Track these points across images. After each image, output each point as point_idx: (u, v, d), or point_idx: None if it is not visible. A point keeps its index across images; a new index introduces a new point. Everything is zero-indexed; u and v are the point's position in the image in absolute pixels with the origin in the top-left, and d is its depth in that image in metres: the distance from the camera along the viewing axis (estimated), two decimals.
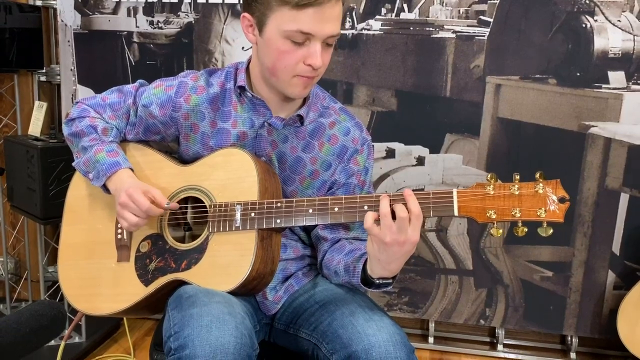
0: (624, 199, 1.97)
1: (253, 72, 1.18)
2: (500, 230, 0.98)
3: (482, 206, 0.97)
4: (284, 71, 1.08)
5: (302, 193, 1.22)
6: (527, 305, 2.10)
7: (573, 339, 2.13)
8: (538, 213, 0.95)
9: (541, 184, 0.96)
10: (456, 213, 0.98)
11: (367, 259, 1.05)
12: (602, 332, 2.07)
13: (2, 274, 2.38)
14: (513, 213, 0.96)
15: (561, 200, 0.95)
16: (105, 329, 2.19)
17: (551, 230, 0.96)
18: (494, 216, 0.97)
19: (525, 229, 0.97)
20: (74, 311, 1.23)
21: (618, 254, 2.01)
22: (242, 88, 1.18)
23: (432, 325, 2.22)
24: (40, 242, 2.18)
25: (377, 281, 1.05)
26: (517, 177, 0.97)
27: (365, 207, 1.03)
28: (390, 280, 1.05)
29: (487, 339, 2.26)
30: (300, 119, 1.19)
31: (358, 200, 1.05)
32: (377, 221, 0.98)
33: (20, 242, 2.42)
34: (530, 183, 0.97)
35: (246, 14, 1.10)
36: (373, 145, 1.29)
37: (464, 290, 2.14)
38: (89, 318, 2.07)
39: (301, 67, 1.07)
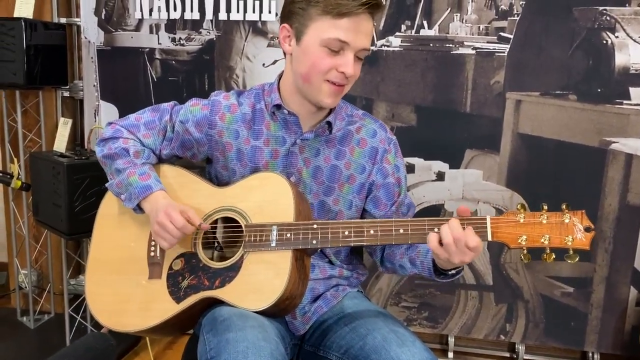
0: None
1: (284, 88, 1.23)
2: (530, 256, 1.04)
3: (514, 232, 1.03)
4: (317, 76, 1.14)
5: (343, 199, 1.26)
6: (547, 320, 2.10)
7: (594, 356, 2.12)
8: (566, 241, 1.02)
9: (568, 215, 1.03)
10: (490, 238, 1.03)
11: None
12: (624, 349, 2.06)
13: (25, 287, 2.41)
14: (542, 240, 1.02)
15: (587, 229, 1.02)
16: (126, 342, 2.21)
17: (577, 258, 1.02)
18: (524, 242, 1.03)
19: (554, 256, 1.02)
20: (97, 325, 1.24)
21: None
22: (277, 106, 1.22)
23: (451, 340, 2.22)
24: (63, 256, 2.20)
25: (451, 272, 1.14)
26: (545, 207, 1.04)
27: (401, 230, 1.08)
28: (462, 267, 1.13)
29: (507, 355, 2.26)
30: (329, 125, 1.24)
31: (393, 224, 1.09)
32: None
33: (42, 255, 2.46)
34: (557, 213, 1.03)
35: (285, 25, 1.17)
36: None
37: (484, 306, 2.14)
38: (111, 331, 2.08)
39: (333, 74, 1.14)
